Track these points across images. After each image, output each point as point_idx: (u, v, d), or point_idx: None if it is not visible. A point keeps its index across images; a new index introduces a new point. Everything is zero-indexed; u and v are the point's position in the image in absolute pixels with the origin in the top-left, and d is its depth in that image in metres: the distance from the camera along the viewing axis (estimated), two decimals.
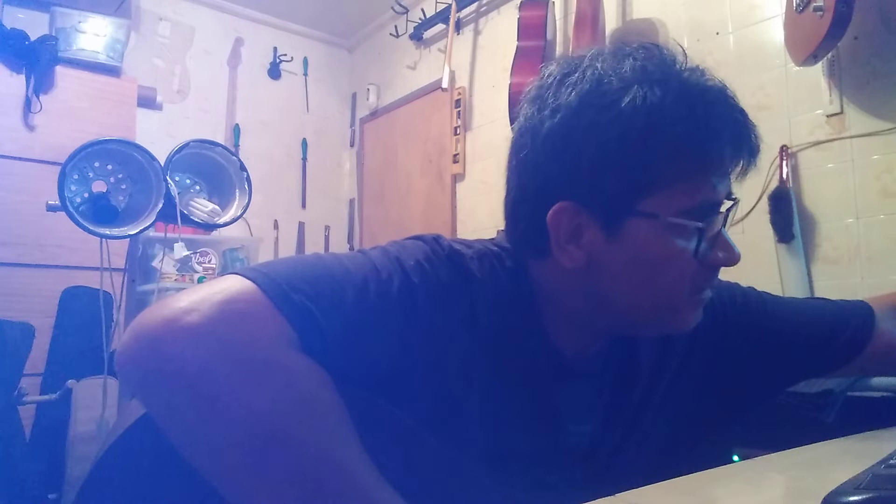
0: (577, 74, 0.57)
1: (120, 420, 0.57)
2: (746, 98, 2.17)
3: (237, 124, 3.83)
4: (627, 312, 0.59)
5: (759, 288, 0.87)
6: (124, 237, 2.10)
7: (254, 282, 0.47)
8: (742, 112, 0.60)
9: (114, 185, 2.10)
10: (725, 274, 0.64)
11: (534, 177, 0.59)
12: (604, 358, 0.66)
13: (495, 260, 0.61)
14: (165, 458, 0.45)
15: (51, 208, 2.02)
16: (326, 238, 4.17)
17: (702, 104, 0.56)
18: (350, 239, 4.27)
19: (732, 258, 0.58)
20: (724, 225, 0.58)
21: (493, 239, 0.66)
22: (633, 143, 0.54)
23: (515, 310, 0.60)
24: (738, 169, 0.59)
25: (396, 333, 0.52)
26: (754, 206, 2.12)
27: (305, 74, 4.20)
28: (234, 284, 0.47)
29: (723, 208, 0.59)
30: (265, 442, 0.42)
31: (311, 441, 0.43)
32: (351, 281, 0.52)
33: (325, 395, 0.45)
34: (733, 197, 0.59)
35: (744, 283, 0.89)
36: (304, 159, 4.14)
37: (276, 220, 3.93)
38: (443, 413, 0.55)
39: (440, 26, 3.56)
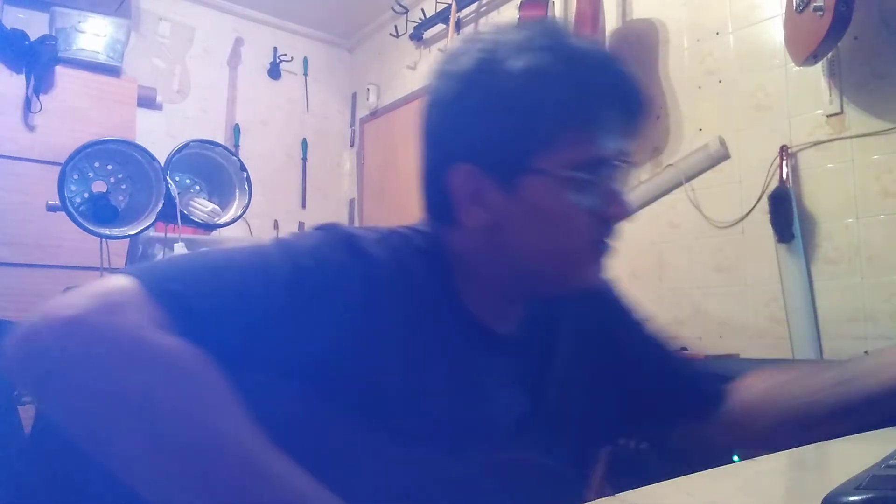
0: (474, 45, 0.61)
1: None
2: (746, 98, 2.18)
3: (237, 124, 3.83)
4: (532, 268, 0.62)
5: (759, 288, 0.87)
6: (124, 237, 2.11)
7: (134, 277, 0.49)
8: (626, 75, 0.61)
9: (114, 185, 2.11)
10: (728, 271, 0.65)
11: (435, 144, 0.63)
12: (525, 327, 0.68)
13: (401, 239, 0.64)
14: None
15: (51, 208, 2.02)
16: None
17: (584, 67, 0.58)
18: None
19: (622, 211, 0.61)
20: (615, 180, 0.61)
21: (411, 224, 0.68)
22: (522, 105, 0.57)
23: (428, 284, 0.62)
24: (629, 128, 0.61)
25: (286, 316, 0.53)
26: (754, 206, 2.12)
27: (305, 74, 4.20)
28: (114, 280, 0.49)
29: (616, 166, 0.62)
30: (139, 418, 0.43)
31: (184, 411, 0.43)
32: (233, 269, 0.53)
33: (199, 368, 0.46)
34: (625, 157, 0.61)
35: (744, 283, 0.89)
36: (304, 159, 4.14)
37: (276, 220, 3.93)
38: (362, 391, 0.56)
39: (440, 26, 3.56)
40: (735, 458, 0.72)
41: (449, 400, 0.60)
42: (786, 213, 1.96)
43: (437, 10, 3.51)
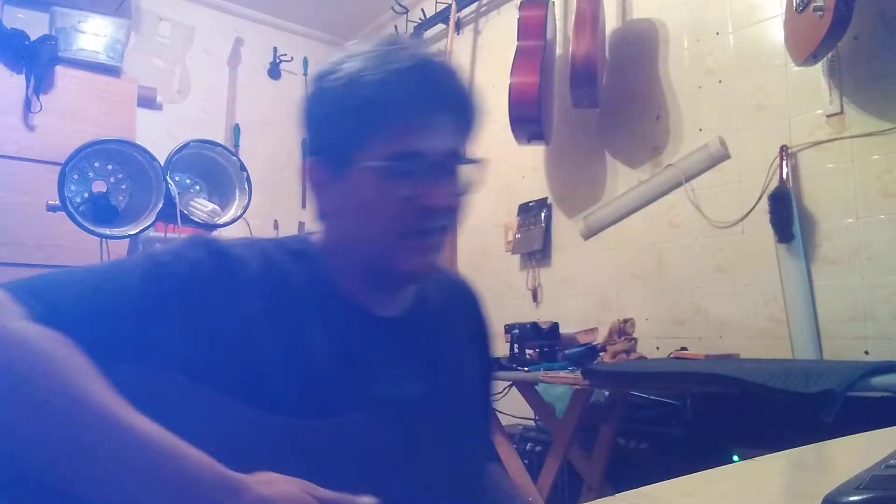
0: (329, 58, 0.72)
1: None
2: (746, 98, 2.18)
3: (237, 124, 3.83)
4: (366, 252, 0.69)
5: (759, 288, 0.88)
6: (124, 237, 2.10)
7: (3, 289, 0.55)
8: (437, 77, 0.68)
9: (114, 185, 2.11)
10: (728, 271, 0.65)
11: (302, 144, 0.75)
12: (411, 311, 0.75)
13: (271, 242, 0.72)
14: None
15: (51, 208, 2.02)
16: None
17: (395, 71, 0.65)
18: None
19: (438, 200, 0.66)
20: (431, 172, 0.66)
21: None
22: (343, 106, 0.67)
23: (297, 276, 0.69)
24: (435, 124, 0.67)
25: (146, 308, 0.59)
26: (754, 206, 2.12)
27: (305, 74, 4.20)
28: None
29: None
30: (9, 398, 0.48)
31: (47, 384, 0.49)
32: (95, 271, 0.61)
33: (57, 347, 0.51)
34: (438, 150, 0.67)
35: (744, 283, 0.90)
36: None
37: (276, 220, 3.93)
38: (245, 376, 0.62)
39: (440, 26, 3.56)
40: (735, 458, 0.72)
41: (320, 373, 0.65)
42: (786, 213, 1.96)
43: (437, 10, 3.51)
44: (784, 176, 2.00)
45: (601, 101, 2.50)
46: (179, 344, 0.60)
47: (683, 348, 2.12)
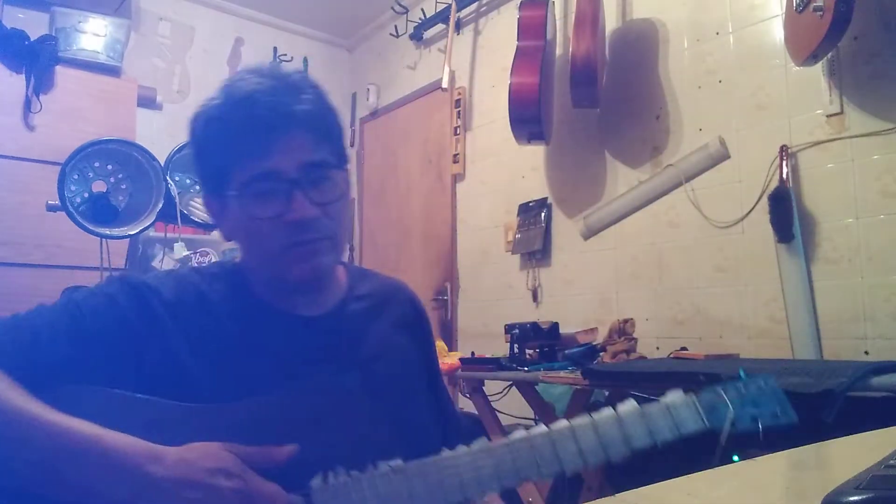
0: None
1: None
2: (746, 98, 2.19)
3: None
4: (262, 266, 0.77)
5: (759, 288, 0.90)
6: (124, 237, 2.11)
7: None
8: (281, 96, 0.71)
9: (114, 185, 2.10)
10: (728, 271, 0.65)
11: None
12: (335, 310, 0.82)
13: (190, 270, 0.82)
14: None
15: (51, 208, 2.02)
16: None
17: (232, 105, 0.71)
18: (350, 239, 4.27)
19: (293, 216, 0.70)
20: (286, 191, 0.71)
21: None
22: (202, 148, 0.76)
23: (216, 291, 0.77)
24: (270, 147, 0.71)
25: (71, 333, 0.67)
26: (754, 206, 2.12)
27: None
28: None
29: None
30: None
31: None
32: (19, 316, 0.69)
33: None
34: (280, 170, 0.71)
35: (744, 283, 0.91)
36: None
37: None
38: (177, 379, 0.68)
39: (440, 26, 3.56)
40: (735, 458, 0.72)
41: (238, 365, 0.72)
42: (786, 213, 1.96)
43: (437, 10, 3.51)
44: (784, 176, 2.00)
45: (601, 101, 2.50)
46: (102, 362, 0.67)
47: (683, 348, 2.12)
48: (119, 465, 0.57)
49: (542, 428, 0.69)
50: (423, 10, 3.67)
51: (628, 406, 0.72)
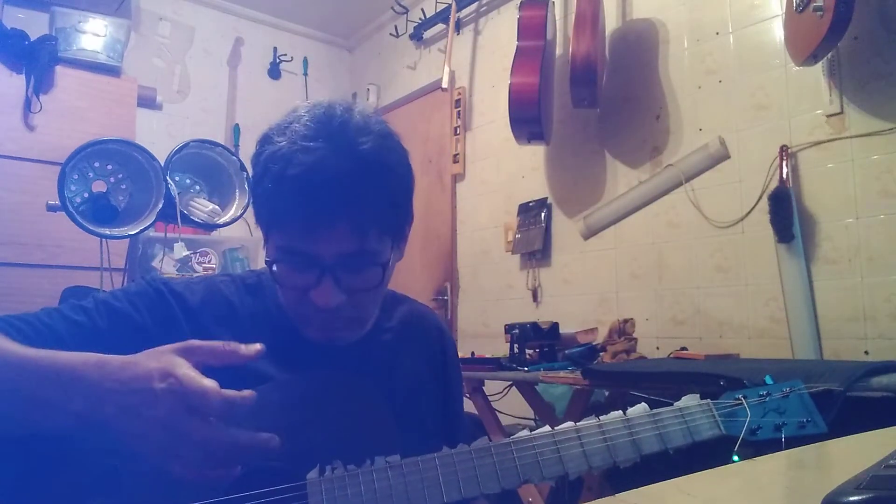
0: None
1: None
2: (746, 98, 2.19)
3: (237, 124, 3.83)
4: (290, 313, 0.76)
5: (759, 288, 0.89)
6: (124, 237, 2.11)
7: None
8: (338, 181, 0.67)
9: (114, 185, 2.10)
10: (728, 271, 0.65)
11: None
12: (364, 340, 0.80)
13: (226, 277, 0.81)
14: None
15: (51, 208, 2.02)
16: None
17: (289, 161, 0.67)
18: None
19: (316, 299, 0.70)
20: (316, 274, 0.69)
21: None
22: (255, 186, 0.73)
23: (250, 305, 0.77)
24: (304, 229, 0.68)
25: (94, 330, 0.68)
26: (754, 206, 2.12)
27: (305, 74, 4.20)
28: None
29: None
30: None
31: None
32: (56, 310, 0.70)
33: None
34: (309, 254, 0.69)
35: (744, 283, 0.90)
36: None
37: None
38: None
39: (440, 26, 3.56)
40: (735, 458, 0.72)
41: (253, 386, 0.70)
42: (786, 213, 1.96)
43: (437, 10, 3.51)
44: (784, 176, 2.00)
45: (601, 101, 2.50)
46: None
47: (683, 348, 2.12)
48: (69, 379, 0.57)
49: (546, 429, 0.68)
50: (423, 10, 3.67)
51: (638, 409, 0.70)
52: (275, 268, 0.71)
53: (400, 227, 0.77)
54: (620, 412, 0.70)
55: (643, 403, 0.70)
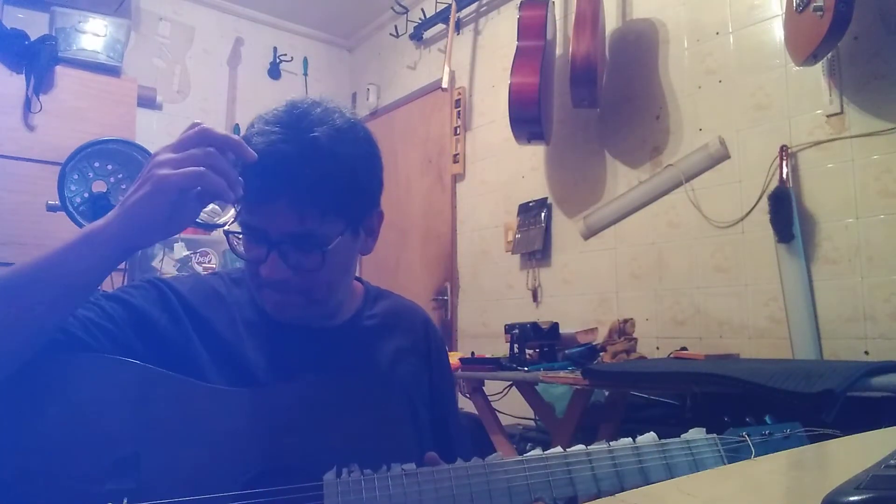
0: None
1: None
2: (746, 98, 2.19)
3: (237, 124, 3.83)
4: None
5: (759, 288, 0.89)
6: None
7: None
8: (293, 163, 0.73)
9: (114, 185, 2.10)
10: (728, 271, 0.65)
11: None
12: (347, 323, 0.86)
13: (211, 274, 0.87)
14: None
15: (51, 208, 2.01)
16: None
17: (252, 143, 0.73)
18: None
19: (264, 272, 0.75)
20: (266, 248, 0.74)
21: None
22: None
23: (233, 294, 0.83)
24: (257, 201, 0.74)
25: (104, 320, 0.73)
26: (754, 206, 2.12)
27: (305, 74, 4.20)
28: None
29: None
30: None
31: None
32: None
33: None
34: (257, 225, 0.75)
35: (744, 283, 0.91)
36: None
37: None
38: (189, 370, 0.72)
39: (440, 26, 3.56)
40: None
41: (244, 365, 0.76)
42: (786, 213, 1.96)
43: (437, 10, 3.51)
44: (784, 176, 2.00)
45: (601, 101, 2.50)
46: (125, 344, 0.72)
47: (683, 348, 2.12)
48: (98, 228, 0.66)
49: (558, 450, 0.70)
50: (423, 10, 3.67)
51: (647, 438, 0.73)
52: (236, 242, 0.78)
53: (356, 217, 0.79)
54: (630, 440, 0.72)
55: (652, 433, 0.72)
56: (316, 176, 0.73)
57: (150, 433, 0.65)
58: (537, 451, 0.69)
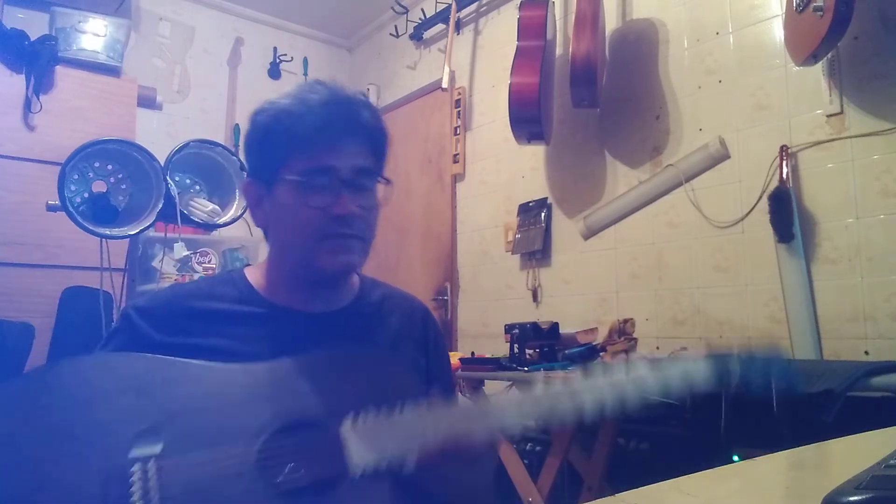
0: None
1: None
2: (746, 98, 2.18)
3: (237, 124, 3.82)
4: (292, 253, 0.84)
5: (759, 288, 0.90)
6: (124, 237, 2.10)
7: None
8: (350, 108, 0.82)
9: (114, 185, 2.10)
10: (728, 271, 0.65)
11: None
12: (345, 309, 0.89)
13: (194, 281, 0.90)
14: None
15: (51, 208, 2.02)
16: None
17: (309, 104, 0.80)
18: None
19: (340, 209, 0.79)
20: (332, 184, 0.79)
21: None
22: (268, 134, 0.83)
23: (225, 292, 0.85)
24: (329, 144, 0.80)
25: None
26: (754, 206, 2.12)
27: (305, 74, 4.20)
28: None
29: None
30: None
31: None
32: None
33: None
34: (336, 166, 0.80)
35: (744, 283, 0.91)
36: None
37: None
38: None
39: (440, 26, 3.56)
40: (735, 458, 0.72)
41: (242, 349, 0.79)
42: (786, 213, 1.96)
43: (437, 10, 3.51)
44: (784, 176, 2.00)
45: (601, 101, 2.50)
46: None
47: (683, 348, 2.12)
48: None
49: (557, 382, 0.75)
50: (423, 10, 3.67)
51: (640, 361, 0.78)
52: (295, 197, 0.80)
53: (381, 170, 0.87)
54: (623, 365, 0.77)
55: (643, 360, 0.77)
56: (373, 120, 0.84)
57: (169, 406, 0.68)
58: (539, 383, 0.75)
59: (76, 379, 0.69)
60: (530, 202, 2.97)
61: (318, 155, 0.79)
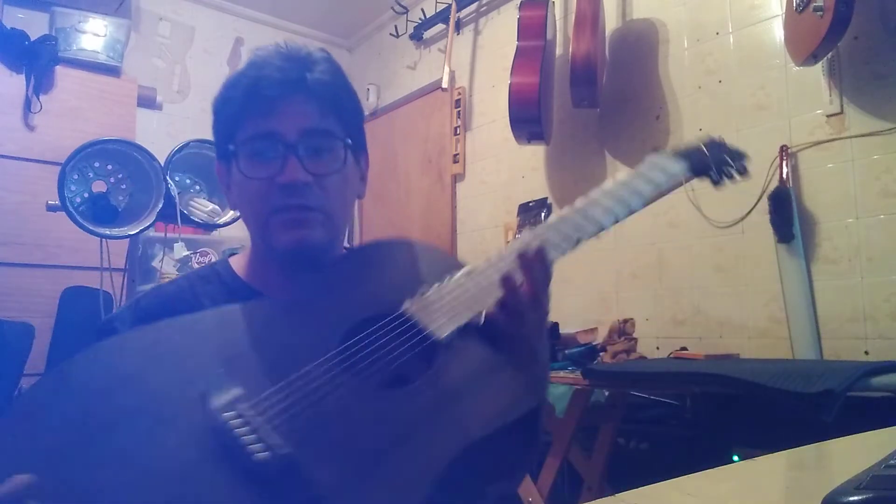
0: None
1: None
2: (746, 98, 2.18)
3: None
4: (254, 233, 0.78)
5: (759, 288, 0.90)
6: (124, 237, 2.11)
7: None
8: (296, 64, 0.74)
9: (114, 185, 2.10)
10: (728, 271, 0.65)
11: None
12: (325, 293, 0.79)
13: (190, 273, 0.86)
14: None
15: (51, 208, 2.02)
16: None
17: (242, 72, 0.75)
18: (350, 239, 4.27)
19: (285, 178, 0.71)
20: (283, 153, 0.72)
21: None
22: (219, 111, 0.78)
23: (207, 285, 0.81)
24: (267, 109, 0.73)
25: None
26: (754, 206, 2.12)
27: None
28: None
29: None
30: None
31: None
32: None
33: None
34: (274, 132, 0.73)
35: (744, 283, 0.91)
36: None
37: None
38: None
39: (440, 26, 3.56)
40: (735, 458, 0.72)
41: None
42: (786, 213, 1.96)
43: (437, 10, 3.51)
44: (784, 176, 2.00)
45: (601, 101, 2.50)
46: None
47: (683, 348, 2.12)
48: None
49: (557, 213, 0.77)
50: (423, 10, 3.67)
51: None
52: (239, 170, 0.74)
53: (353, 135, 0.80)
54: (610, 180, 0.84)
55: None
56: (326, 75, 0.75)
57: (227, 352, 0.65)
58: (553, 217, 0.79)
59: (118, 358, 0.64)
60: (530, 202, 2.96)
61: (259, 120, 0.73)
